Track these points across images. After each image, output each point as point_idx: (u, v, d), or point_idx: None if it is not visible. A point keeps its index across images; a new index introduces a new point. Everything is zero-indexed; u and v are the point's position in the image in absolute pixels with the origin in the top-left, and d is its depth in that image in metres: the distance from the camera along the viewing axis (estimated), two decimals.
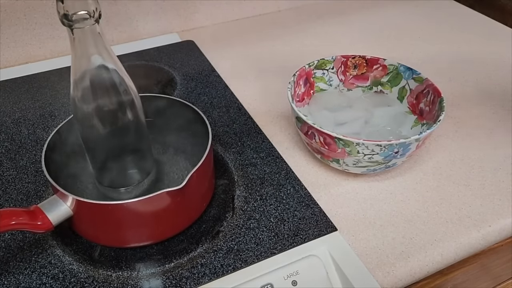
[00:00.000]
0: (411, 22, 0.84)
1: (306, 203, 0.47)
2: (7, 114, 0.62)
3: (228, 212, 0.46)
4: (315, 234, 0.44)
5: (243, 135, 0.56)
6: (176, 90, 0.66)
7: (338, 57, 0.57)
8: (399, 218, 0.46)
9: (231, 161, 0.52)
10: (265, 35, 0.80)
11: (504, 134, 0.57)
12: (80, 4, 0.34)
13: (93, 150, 0.43)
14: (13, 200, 0.48)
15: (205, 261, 0.41)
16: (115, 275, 0.40)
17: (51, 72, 0.70)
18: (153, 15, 0.79)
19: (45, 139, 0.44)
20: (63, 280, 0.40)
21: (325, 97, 0.57)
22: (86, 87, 0.38)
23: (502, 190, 0.49)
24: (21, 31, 0.71)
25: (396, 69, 0.55)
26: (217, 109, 0.61)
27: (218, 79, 0.68)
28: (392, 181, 0.50)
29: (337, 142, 0.45)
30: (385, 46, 0.76)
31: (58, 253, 0.42)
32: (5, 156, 0.54)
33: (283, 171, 0.51)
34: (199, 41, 0.78)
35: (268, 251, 0.42)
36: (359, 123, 0.53)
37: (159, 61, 0.73)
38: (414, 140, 0.44)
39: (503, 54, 0.73)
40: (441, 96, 0.49)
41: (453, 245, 0.44)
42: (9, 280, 0.40)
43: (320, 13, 0.88)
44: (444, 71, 0.69)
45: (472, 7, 0.88)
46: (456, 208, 0.47)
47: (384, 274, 0.41)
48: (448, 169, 0.52)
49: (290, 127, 0.59)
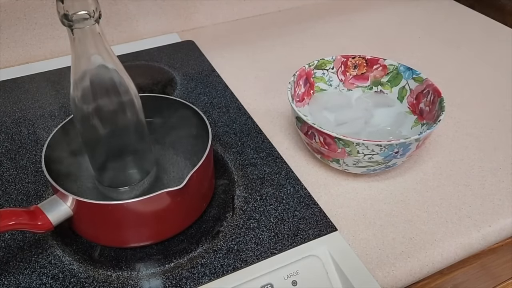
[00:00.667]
0: (411, 22, 0.84)
1: (306, 203, 0.47)
2: (7, 114, 0.62)
3: (228, 212, 0.46)
4: (315, 234, 0.44)
5: (243, 135, 0.56)
6: (176, 90, 0.66)
7: (338, 57, 0.57)
8: (399, 218, 0.46)
9: (231, 161, 0.52)
10: (265, 35, 0.80)
11: (504, 134, 0.57)
12: (80, 4, 0.34)
13: (93, 150, 0.43)
14: (13, 200, 0.48)
15: (205, 261, 0.41)
16: (115, 275, 0.40)
17: (51, 72, 0.70)
18: (153, 15, 0.79)
19: (45, 139, 0.44)
20: (63, 280, 0.40)
21: (325, 97, 0.57)
22: (86, 87, 0.38)
23: (502, 190, 0.49)
24: (21, 31, 0.71)
25: (396, 69, 0.55)
26: (217, 109, 0.61)
27: (218, 79, 0.68)
28: (392, 181, 0.50)
29: (337, 142, 0.45)
30: (385, 46, 0.76)
31: (58, 253, 0.42)
32: (5, 156, 0.54)
33: (283, 171, 0.51)
34: (199, 41, 0.78)
35: (268, 251, 0.42)
36: (359, 123, 0.53)
37: (159, 61, 0.73)
38: (414, 140, 0.44)
39: (503, 54, 0.73)
40: (441, 96, 0.49)
41: (453, 245, 0.44)
42: (9, 280, 0.40)
43: (320, 13, 0.88)
44: (444, 71, 0.69)
45: (472, 7, 0.88)
46: (456, 208, 0.47)
47: (384, 274, 0.41)
48: (448, 169, 0.52)
49: (290, 127, 0.59)
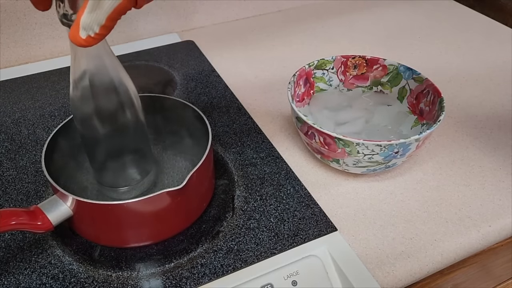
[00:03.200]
0: (411, 22, 0.84)
1: (306, 203, 0.47)
2: (7, 114, 0.62)
3: (228, 212, 0.46)
4: (315, 234, 0.44)
5: (243, 135, 0.56)
6: (176, 90, 0.66)
7: (338, 57, 0.57)
8: (399, 218, 0.46)
9: (231, 161, 0.52)
10: (265, 35, 0.80)
11: (504, 134, 0.57)
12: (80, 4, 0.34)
13: (93, 150, 0.43)
14: (13, 200, 0.48)
15: (205, 261, 0.41)
16: (115, 275, 0.40)
17: (51, 72, 0.70)
18: (153, 15, 0.79)
19: (45, 139, 0.44)
20: (63, 280, 0.40)
21: (325, 97, 0.57)
22: (85, 86, 0.38)
23: (502, 190, 0.49)
24: (21, 31, 0.71)
25: (396, 69, 0.55)
26: (217, 109, 0.61)
27: (218, 79, 0.68)
28: (392, 181, 0.50)
29: (337, 142, 0.45)
30: (385, 46, 0.76)
31: (58, 253, 0.42)
32: (5, 156, 0.54)
33: (283, 171, 0.51)
34: (199, 41, 0.78)
35: (268, 251, 0.42)
36: (360, 123, 0.53)
37: (159, 61, 0.73)
38: (414, 140, 0.44)
39: (503, 54, 0.73)
40: (441, 96, 0.49)
41: (453, 245, 0.44)
42: (9, 280, 0.40)
43: (320, 13, 0.88)
44: (444, 71, 0.69)
45: (472, 7, 0.88)
46: (456, 208, 0.47)
47: (384, 274, 0.41)
48: (448, 169, 0.52)
49: (290, 127, 0.59)
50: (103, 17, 0.30)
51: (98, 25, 0.30)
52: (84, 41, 0.30)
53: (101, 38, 0.31)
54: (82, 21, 0.30)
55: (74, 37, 0.30)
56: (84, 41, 0.30)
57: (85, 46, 0.31)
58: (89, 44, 0.31)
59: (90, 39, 0.30)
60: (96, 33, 0.30)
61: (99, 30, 0.30)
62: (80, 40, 0.30)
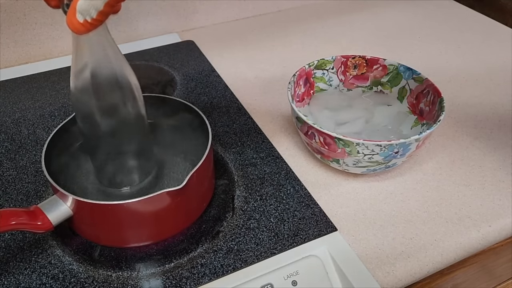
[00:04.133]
0: (411, 22, 0.84)
1: (306, 203, 0.47)
2: (7, 114, 0.62)
3: (228, 212, 0.46)
4: (315, 234, 0.44)
5: (243, 135, 0.56)
6: (176, 90, 0.66)
7: (338, 57, 0.57)
8: (399, 218, 0.46)
9: (231, 161, 0.52)
10: (265, 35, 0.80)
11: (504, 134, 0.57)
12: None
13: (94, 146, 0.43)
14: (13, 200, 0.48)
15: (205, 261, 0.41)
16: (115, 275, 0.40)
17: (51, 72, 0.70)
18: (153, 15, 0.79)
19: (45, 139, 0.44)
20: (63, 280, 0.40)
21: (325, 97, 0.57)
22: (86, 78, 0.37)
23: (502, 190, 0.49)
24: (21, 31, 0.71)
25: (396, 69, 0.55)
26: (217, 109, 0.61)
27: (218, 79, 0.68)
28: (392, 181, 0.50)
29: (337, 142, 0.45)
30: (385, 46, 0.76)
31: (58, 253, 0.42)
32: (5, 156, 0.54)
33: (283, 171, 0.51)
34: (199, 41, 0.78)
35: (268, 251, 0.42)
36: (360, 123, 0.53)
37: (159, 61, 0.73)
38: (414, 140, 0.44)
39: (503, 54, 0.73)
40: (441, 96, 0.49)
41: (453, 245, 0.44)
42: (9, 280, 0.40)
43: (320, 13, 0.88)
44: (444, 71, 0.69)
45: (472, 7, 0.88)
46: (456, 208, 0.47)
47: (384, 274, 0.41)
48: (448, 169, 0.52)
49: (290, 127, 0.59)
50: (101, 2, 0.29)
51: (96, 10, 0.29)
52: (81, 26, 0.30)
53: (98, 24, 0.30)
54: (78, 5, 0.29)
55: (71, 21, 0.29)
56: (81, 26, 0.30)
57: (82, 32, 0.30)
58: (87, 29, 0.30)
59: (88, 24, 0.30)
60: (93, 18, 0.29)
61: (97, 15, 0.29)
62: (76, 24, 0.29)
